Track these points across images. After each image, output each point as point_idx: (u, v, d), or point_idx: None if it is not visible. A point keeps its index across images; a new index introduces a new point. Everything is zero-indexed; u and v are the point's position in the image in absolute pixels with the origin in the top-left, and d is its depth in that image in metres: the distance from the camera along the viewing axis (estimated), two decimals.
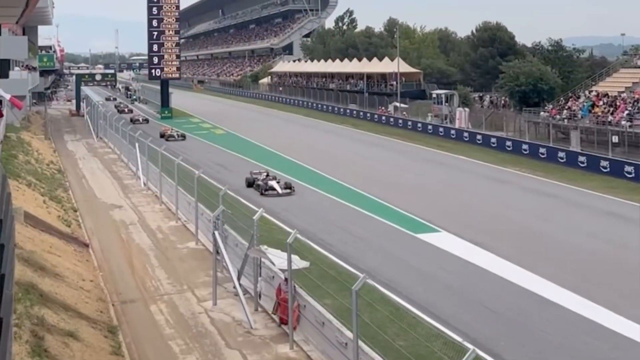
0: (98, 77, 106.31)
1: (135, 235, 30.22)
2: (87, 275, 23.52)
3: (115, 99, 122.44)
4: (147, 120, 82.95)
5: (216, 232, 22.14)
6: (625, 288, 23.07)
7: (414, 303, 20.87)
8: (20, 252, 20.05)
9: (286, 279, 18.49)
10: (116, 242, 29.34)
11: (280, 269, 19.10)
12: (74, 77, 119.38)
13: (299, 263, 18.44)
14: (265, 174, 40.85)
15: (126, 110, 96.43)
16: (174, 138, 64.61)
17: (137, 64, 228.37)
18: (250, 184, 40.28)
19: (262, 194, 38.45)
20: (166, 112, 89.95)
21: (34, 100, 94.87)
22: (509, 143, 55.12)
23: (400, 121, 74.69)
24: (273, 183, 39.37)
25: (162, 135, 64.52)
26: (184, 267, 25.43)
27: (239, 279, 21.18)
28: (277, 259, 19.06)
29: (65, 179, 43.12)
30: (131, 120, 78.35)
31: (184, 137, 66.12)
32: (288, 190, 38.97)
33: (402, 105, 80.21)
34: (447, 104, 71.08)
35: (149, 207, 35.79)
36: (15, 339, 13.92)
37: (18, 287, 16.81)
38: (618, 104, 53.42)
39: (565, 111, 57.31)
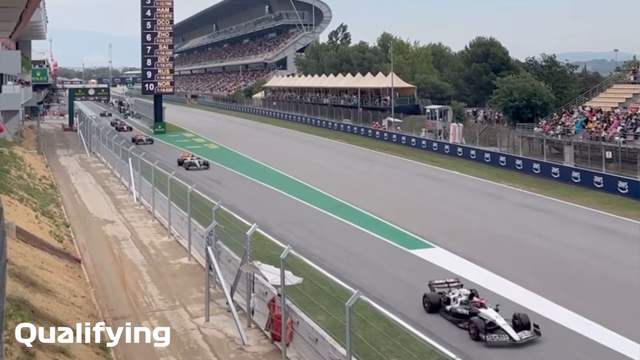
0: (91, 92, 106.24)
1: (127, 251, 30.09)
2: (79, 291, 23.39)
3: (110, 115, 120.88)
4: (151, 141, 76.87)
5: (209, 248, 22.06)
6: (619, 304, 23.06)
7: (407, 319, 20.85)
8: (11, 267, 19.93)
9: (280, 295, 18.41)
10: (108, 257, 29.20)
11: (274, 285, 19.03)
12: (67, 91, 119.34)
13: (292, 279, 18.35)
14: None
15: (125, 127, 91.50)
16: (195, 167, 54.60)
17: (131, 79, 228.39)
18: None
19: None
20: (160, 126, 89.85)
21: (27, 115, 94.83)
22: (502, 158, 55.10)
23: (394, 136, 74.66)
24: None
25: (180, 163, 55.63)
26: (177, 283, 25.32)
27: (231, 295, 21.10)
28: (270, 274, 18.98)
29: (58, 194, 42.97)
30: (133, 140, 72.15)
31: (207, 165, 55.76)
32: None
33: (396, 120, 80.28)
34: (441, 119, 71.13)
35: (141, 223, 35.66)
36: (6, 355, 13.80)
37: (9, 303, 16.68)
38: (611, 119, 53.50)
39: (558, 127, 57.37)
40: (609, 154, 47.78)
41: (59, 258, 26.83)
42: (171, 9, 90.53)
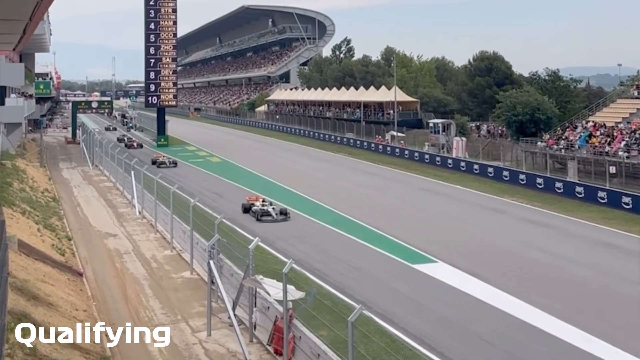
0: (94, 105, 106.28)
1: (129, 265, 30.01)
2: (81, 304, 23.29)
3: (115, 129, 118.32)
4: (175, 163, 68.29)
5: (211, 262, 21.97)
6: (622, 320, 22.97)
7: (410, 334, 20.74)
8: (13, 280, 19.87)
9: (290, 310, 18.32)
10: (110, 271, 29.11)
11: (276, 300, 18.94)
12: (70, 104, 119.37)
13: (294, 293, 18.26)
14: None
15: (135, 145, 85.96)
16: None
17: (134, 92, 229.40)
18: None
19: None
20: (162, 139, 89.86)
21: (30, 128, 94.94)
22: (506, 173, 55.02)
23: (397, 150, 74.66)
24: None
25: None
26: (179, 297, 25.23)
27: (234, 309, 20.99)
28: (273, 289, 18.90)
29: (60, 207, 42.92)
30: (154, 162, 66.26)
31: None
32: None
33: (399, 134, 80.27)
34: (444, 133, 71.12)
35: (143, 236, 35.58)
36: None
37: (11, 316, 16.61)
38: (615, 134, 53.39)
39: (562, 141, 57.26)
40: (612, 169, 47.71)
41: (61, 271, 26.76)
42: (175, 22, 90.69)
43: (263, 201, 41.32)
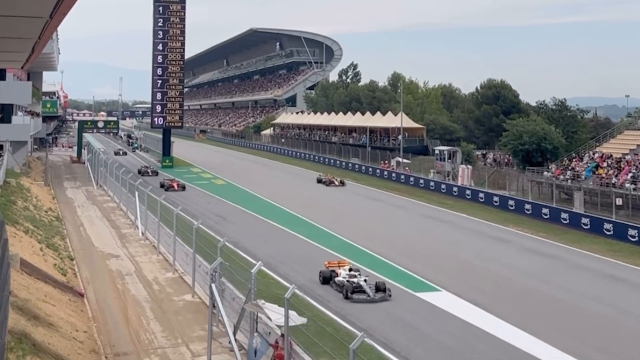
0: (100, 124, 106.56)
1: (131, 286, 29.84)
2: (81, 325, 23.13)
3: (125, 153, 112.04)
4: (183, 187, 65.17)
5: (213, 285, 21.82)
6: (626, 354, 22.78)
7: None
8: (14, 300, 19.74)
9: (283, 335, 18.13)
10: (112, 292, 28.95)
11: (277, 325, 18.75)
12: (76, 123, 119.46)
13: (296, 319, 18.08)
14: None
15: (150, 172, 78.11)
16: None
17: (140, 112, 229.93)
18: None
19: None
20: (167, 161, 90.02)
21: (36, 146, 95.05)
22: (511, 202, 54.86)
23: (402, 176, 74.56)
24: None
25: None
26: (180, 320, 25.05)
27: (234, 334, 20.81)
28: (274, 314, 18.71)
29: (63, 227, 42.80)
30: (162, 185, 63.74)
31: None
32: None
33: (405, 160, 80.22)
34: (449, 160, 71.04)
35: (146, 258, 35.42)
36: None
37: (11, 335, 16.48)
38: (622, 166, 53.31)
39: (568, 172, 57.16)
40: (619, 201, 47.56)
41: (62, 292, 26.62)
42: (183, 44, 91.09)
43: (350, 270, 30.61)
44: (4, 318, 12.71)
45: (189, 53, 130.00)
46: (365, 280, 29.09)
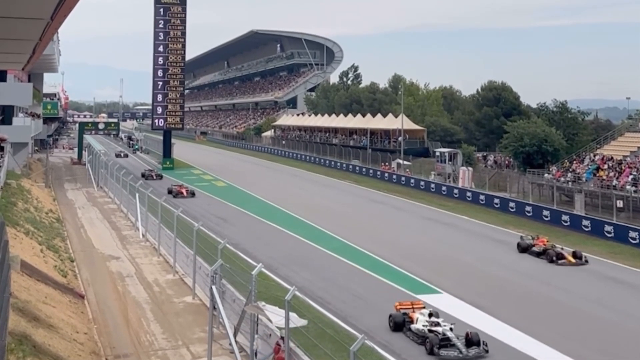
0: (101, 126, 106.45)
1: (131, 288, 29.84)
2: (82, 327, 23.13)
3: (127, 155, 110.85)
4: (193, 194, 62.42)
5: (213, 287, 21.79)
6: (627, 356, 22.72)
7: None
8: (15, 301, 19.74)
9: (283, 337, 18.11)
10: (112, 294, 28.95)
11: (278, 327, 18.74)
12: (77, 125, 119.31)
13: (296, 321, 18.06)
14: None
15: (154, 176, 76.46)
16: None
17: (141, 114, 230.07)
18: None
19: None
20: (168, 162, 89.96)
21: (36, 148, 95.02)
22: (512, 204, 54.79)
23: (402, 178, 74.51)
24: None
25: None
26: (180, 322, 25.04)
27: (235, 335, 20.79)
28: (275, 316, 18.69)
29: (64, 228, 42.78)
30: (170, 191, 60.89)
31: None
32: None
33: (405, 162, 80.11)
34: (450, 162, 70.97)
35: (146, 259, 35.42)
36: None
37: (11, 337, 16.46)
38: (623, 168, 53.25)
39: (569, 174, 57.10)
40: (620, 203, 47.49)
41: (63, 293, 26.61)
42: (184, 46, 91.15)
43: (430, 315, 24.70)
44: (4, 319, 12.68)
45: (190, 54, 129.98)
46: (451, 329, 23.53)
